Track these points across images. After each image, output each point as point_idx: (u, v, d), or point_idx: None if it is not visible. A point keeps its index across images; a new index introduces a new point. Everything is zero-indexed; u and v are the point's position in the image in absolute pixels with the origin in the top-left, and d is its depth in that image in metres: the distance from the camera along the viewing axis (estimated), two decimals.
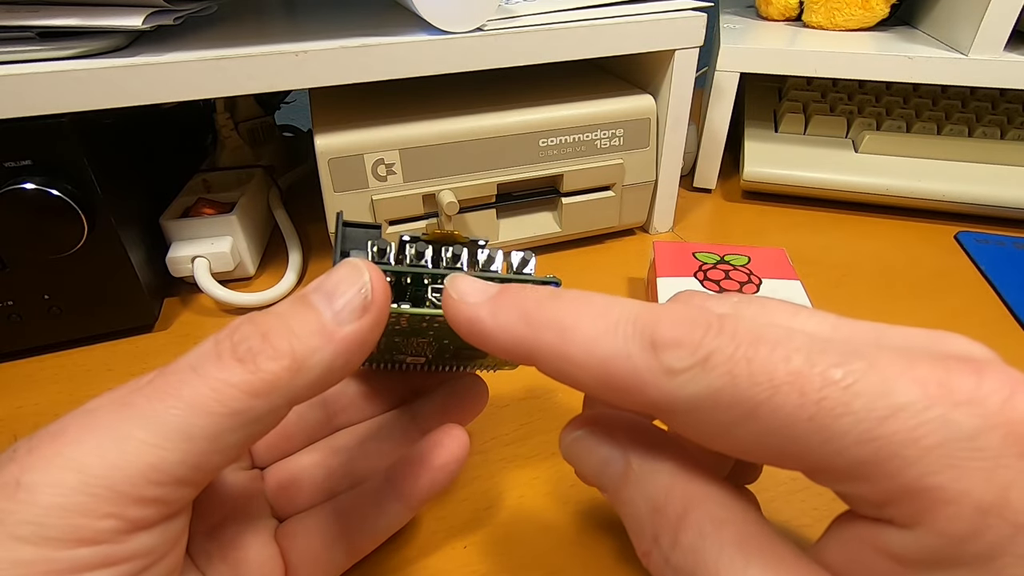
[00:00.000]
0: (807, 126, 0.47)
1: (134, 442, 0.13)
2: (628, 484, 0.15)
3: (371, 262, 0.16)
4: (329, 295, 0.15)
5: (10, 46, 0.27)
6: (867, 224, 0.44)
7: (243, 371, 0.13)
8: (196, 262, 0.35)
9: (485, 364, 0.21)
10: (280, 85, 0.30)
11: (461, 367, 0.22)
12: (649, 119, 0.38)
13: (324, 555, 0.19)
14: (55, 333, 0.32)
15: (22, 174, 0.28)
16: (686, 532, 0.13)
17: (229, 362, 0.14)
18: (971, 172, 0.42)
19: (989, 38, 0.39)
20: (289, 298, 0.15)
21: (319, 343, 0.14)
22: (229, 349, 0.14)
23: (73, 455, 0.13)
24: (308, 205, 0.42)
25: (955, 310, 0.35)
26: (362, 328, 0.14)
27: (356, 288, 0.15)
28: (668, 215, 0.43)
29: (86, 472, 0.12)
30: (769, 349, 0.12)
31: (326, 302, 0.15)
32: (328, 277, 0.15)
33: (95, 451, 0.13)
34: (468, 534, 0.23)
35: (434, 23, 0.31)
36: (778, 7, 0.50)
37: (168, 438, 0.13)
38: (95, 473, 0.12)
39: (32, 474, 0.12)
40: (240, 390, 0.13)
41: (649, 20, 0.35)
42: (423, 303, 0.17)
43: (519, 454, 0.26)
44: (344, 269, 0.15)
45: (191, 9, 0.33)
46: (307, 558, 0.19)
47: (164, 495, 0.13)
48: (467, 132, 0.35)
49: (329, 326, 0.14)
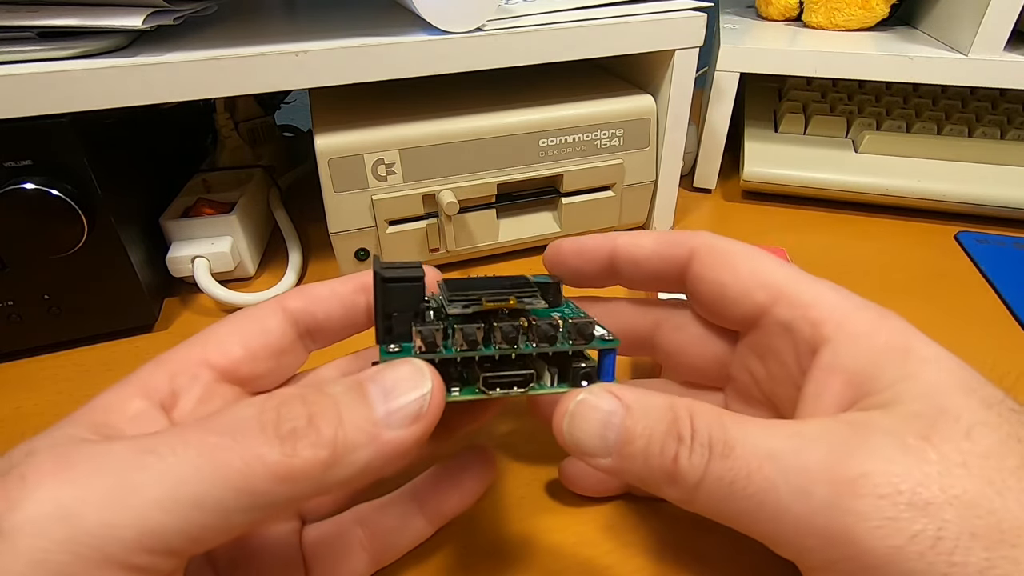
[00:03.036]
0: (807, 126, 0.47)
1: (141, 500, 0.12)
2: (636, 420, 0.15)
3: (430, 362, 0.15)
4: (387, 393, 0.14)
5: (10, 46, 0.27)
6: (867, 224, 0.44)
7: (280, 452, 0.13)
8: (196, 262, 0.35)
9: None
10: (280, 85, 0.30)
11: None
12: (649, 119, 0.38)
13: (344, 566, 0.19)
14: (55, 333, 0.32)
15: (22, 174, 0.28)
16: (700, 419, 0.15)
17: (270, 438, 0.13)
18: (971, 172, 0.42)
19: (989, 38, 0.39)
20: (345, 381, 0.14)
21: (363, 441, 0.14)
22: (273, 423, 0.13)
23: (70, 501, 0.12)
24: (308, 205, 0.42)
25: (955, 310, 0.35)
26: (410, 436, 0.14)
27: (417, 394, 0.14)
28: (668, 215, 0.43)
29: (78, 527, 0.11)
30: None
31: (382, 399, 0.14)
32: (390, 371, 0.15)
33: (96, 501, 0.12)
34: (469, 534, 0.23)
35: (434, 23, 0.31)
36: (778, 7, 0.50)
37: (178, 502, 0.12)
38: (87, 530, 0.11)
39: (17, 515, 0.11)
40: (270, 471, 0.13)
41: (649, 20, 0.35)
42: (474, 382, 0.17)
43: (522, 454, 0.26)
44: (407, 369, 0.15)
45: (191, 9, 0.33)
46: (326, 565, 0.19)
47: (151, 564, 0.12)
48: (467, 132, 0.35)
49: (379, 426, 0.14)
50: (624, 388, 0.16)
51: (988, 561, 0.12)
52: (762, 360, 0.19)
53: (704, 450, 0.15)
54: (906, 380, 0.15)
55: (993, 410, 0.14)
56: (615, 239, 0.21)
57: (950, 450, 0.13)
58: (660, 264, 0.20)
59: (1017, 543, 0.12)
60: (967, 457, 0.13)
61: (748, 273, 0.19)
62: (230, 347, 0.17)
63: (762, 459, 0.14)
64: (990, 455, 0.13)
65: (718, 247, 0.19)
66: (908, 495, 0.13)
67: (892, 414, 0.14)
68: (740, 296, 0.19)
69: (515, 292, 0.17)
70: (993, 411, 0.14)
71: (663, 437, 0.15)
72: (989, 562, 0.12)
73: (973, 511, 0.13)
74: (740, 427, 0.15)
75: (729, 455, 0.15)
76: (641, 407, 0.16)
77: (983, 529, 0.12)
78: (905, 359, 0.15)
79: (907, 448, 0.14)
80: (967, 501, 0.13)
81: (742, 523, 0.15)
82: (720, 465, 0.15)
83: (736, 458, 0.14)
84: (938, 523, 0.13)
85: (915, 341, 0.16)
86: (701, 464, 0.15)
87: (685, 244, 0.20)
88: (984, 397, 0.15)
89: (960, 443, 0.14)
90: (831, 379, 0.16)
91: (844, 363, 0.16)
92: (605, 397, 0.16)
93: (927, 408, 0.14)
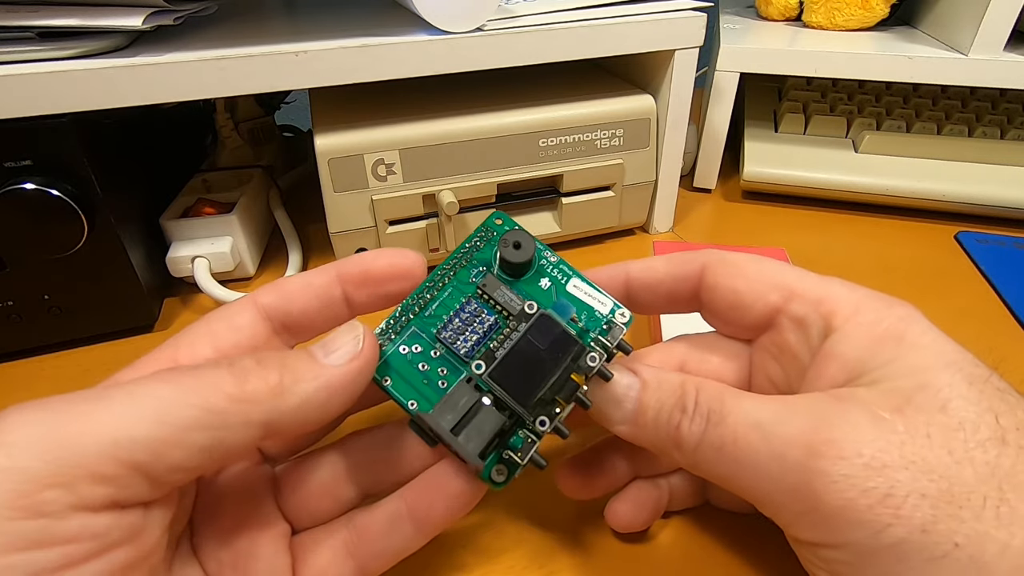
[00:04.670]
0: (807, 126, 0.47)
1: (109, 416, 0.13)
2: (650, 393, 0.18)
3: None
4: (326, 344, 0.17)
5: (10, 46, 0.27)
6: (867, 224, 0.44)
7: (232, 381, 0.15)
8: (196, 262, 0.35)
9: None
10: (280, 85, 0.30)
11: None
12: (649, 119, 0.38)
13: (332, 571, 0.19)
14: (55, 333, 0.32)
15: (22, 174, 0.28)
16: (703, 394, 0.18)
17: (223, 371, 0.15)
18: (971, 172, 0.42)
19: (989, 38, 0.39)
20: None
21: (306, 376, 0.16)
22: (227, 364, 0.15)
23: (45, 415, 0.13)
24: (308, 205, 0.42)
25: (955, 310, 0.35)
26: (349, 372, 0.16)
27: (350, 336, 0.17)
28: (668, 215, 0.43)
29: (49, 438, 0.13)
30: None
31: (322, 350, 0.17)
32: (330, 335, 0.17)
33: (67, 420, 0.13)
34: (468, 534, 0.23)
35: (434, 23, 0.31)
36: (778, 7, 0.50)
37: (143, 418, 0.13)
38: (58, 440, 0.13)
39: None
40: (225, 392, 0.14)
41: (649, 20, 0.35)
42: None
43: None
44: (343, 327, 0.17)
45: (191, 9, 0.33)
46: (315, 572, 0.19)
47: (118, 475, 0.13)
48: (467, 132, 0.35)
49: (320, 363, 0.16)
50: (642, 366, 0.19)
51: (933, 517, 0.14)
52: (778, 360, 0.20)
53: (702, 420, 0.17)
54: (895, 361, 0.16)
55: (975, 386, 0.15)
56: (627, 268, 0.22)
57: (921, 422, 0.15)
58: (674, 285, 0.21)
59: (964, 505, 0.14)
60: (934, 428, 0.15)
61: (760, 277, 0.20)
62: (200, 347, 0.18)
63: (749, 427, 0.16)
64: (961, 427, 0.15)
65: (728, 258, 0.20)
66: (868, 458, 0.14)
67: (874, 389, 0.16)
68: (755, 299, 0.19)
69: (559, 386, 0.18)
70: (975, 387, 0.15)
71: (671, 409, 0.18)
72: (934, 518, 0.14)
73: (927, 475, 0.14)
74: (736, 400, 0.17)
75: (721, 423, 0.17)
76: (656, 382, 0.19)
77: (933, 491, 0.14)
78: (898, 345, 0.17)
79: (877, 419, 0.15)
80: (922, 467, 0.14)
81: (732, 483, 0.17)
82: (713, 431, 0.17)
83: (727, 426, 0.17)
84: (890, 482, 0.14)
85: (914, 327, 0.17)
86: (699, 431, 0.17)
87: (696, 260, 0.21)
88: (969, 374, 0.16)
89: (933, 415, 0.15)
90: (830, 363, 0.17)
91: (843, 349, 0.17)
92: (626, 374, 0.19)
93: (909, 384, 0.16)
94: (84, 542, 0.13)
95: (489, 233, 0.21)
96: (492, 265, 0.20)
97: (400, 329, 0.19)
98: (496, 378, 0.17)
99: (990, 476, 0.14)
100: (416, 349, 0.19)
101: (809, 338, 0.18)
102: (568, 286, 0.20)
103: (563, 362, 0.18)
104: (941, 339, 0.17)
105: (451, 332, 0.19)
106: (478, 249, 0.20)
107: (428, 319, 0.19)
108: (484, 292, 0.19)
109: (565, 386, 0.18)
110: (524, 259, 0.19)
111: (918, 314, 0.18)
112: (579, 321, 0.20)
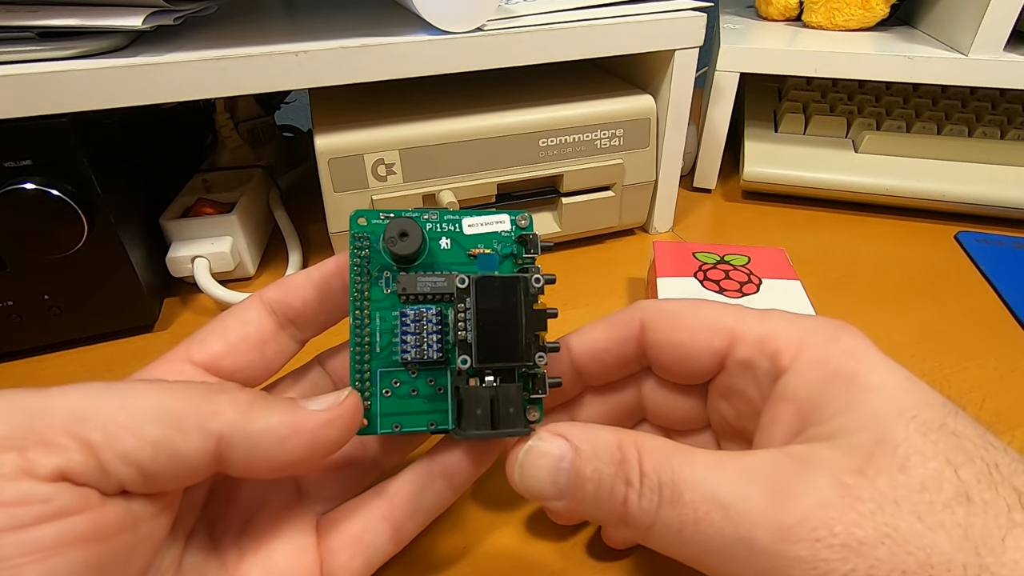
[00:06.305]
0: (807, 126, 0.47)
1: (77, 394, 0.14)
2: (584, 462, 0.16)
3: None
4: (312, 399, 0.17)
5: (10, 46, 0.27)
6: (867, 224, 0.44)
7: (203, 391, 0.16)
8: (196, 262, 0.35)
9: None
10: (280, 85, 0.30)
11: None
12: (649, 119, 0.38)
13: (366, 537, 0.19)
14: (55, 333, 0.32)
15: (22, 174, 0.28)
16: (648, 460, 0.16)
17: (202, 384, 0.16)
18: (971, 172, 0.42)
19: (989, 38, 0.39)
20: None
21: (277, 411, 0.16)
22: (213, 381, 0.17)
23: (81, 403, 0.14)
24: (308, 205, 0.42)
25: (955, 310, 0.35)
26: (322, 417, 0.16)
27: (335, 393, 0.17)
28: (668, 215, 0.43)
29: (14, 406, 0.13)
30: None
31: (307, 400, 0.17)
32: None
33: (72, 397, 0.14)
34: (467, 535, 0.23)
35: (434, 23, 0.31)
36: (778, 7, 0.50)
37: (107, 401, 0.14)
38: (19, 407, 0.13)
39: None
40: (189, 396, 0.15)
41: (649, 20, 0.35)
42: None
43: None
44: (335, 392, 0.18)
45: (191, 9, 0.33)
46: (347, 541, 0.19)
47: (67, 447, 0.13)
48: (467, 132, 0.35)
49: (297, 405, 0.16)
50: (573, 427, 0.17)
51: None
52: (728, 401, 0.19)
53: (653, 495, 0.15)
54: (849, 411, 0.15)
55: (929, 438, 0.15)
56: (567, 343, 0.21)
57: (885, 484, 0.14)
58: (619, 349, 0.20)
59: None
60: (900, 492, 0.14)
61: (700, 324, 0.19)
62: (211, 342, 0.19)
63: (709, 505, 0.15)
64: (925, 488, 0.14)
65: (665, 310, 0.20)
66: (843, 536, 0.13)
67: (834, 447, 0.15)
68: (700, 349, 0.19)
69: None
70: (930, 439, 0.15)
71: (612, 480, 0.16)
72: None
73: (904, 548, 0.13)
74: (689, 467, 0.15)
75: (678, 500, 0.15)
76: (591, 447, 0.16)
77: (913, 565, 0.13)
78: (849, 387, 0.16)
79: (843, 488, 0.14)
80: (898, 539, 0.13)
81: (696, 565, 0.16)
82: (670, 511, 0.15)
83: (684, 504, 0.15)
84: (870, 561, 0.13)
85: (862, 365, 0.16)
86: (651, 509, 0.15)
87: (633, 318, 0.20)
88: (923, 423, 0.15)
89: (895, 476, 0.14)
90: (782, 408, 0.17)
91: (794, 392, 0.17)
92: (554, 441, 0.17)
93: (866, 440, 0.15)
94: (32, 505, 0.13)
95: (364, 240, 0.19)
96: (392, 265, 0.19)
97: (369, 381, 0.19)
98: (485, 359, 0.17)
99: (963, 540, 0.13)
100: (396, 384, 0.19)
101: (758, 380, 0.18)
102: (464, 230, 0.20)
103: (520, 303, 0.18)
104: (892, 376, 0.16)
105: (412, 349, 0.18)
106: (367, 259, 0.19)
107: (383, 355, 0.19)
108: (406, 293, 0.19)
109: (534, 318, 0.18)
110: (415, 247, 0.19)
111: (865, 344, 0.17)
112: (496, 252, 0.20)
